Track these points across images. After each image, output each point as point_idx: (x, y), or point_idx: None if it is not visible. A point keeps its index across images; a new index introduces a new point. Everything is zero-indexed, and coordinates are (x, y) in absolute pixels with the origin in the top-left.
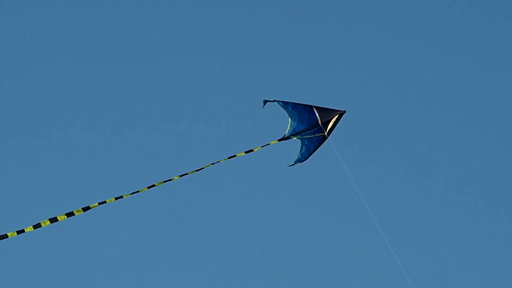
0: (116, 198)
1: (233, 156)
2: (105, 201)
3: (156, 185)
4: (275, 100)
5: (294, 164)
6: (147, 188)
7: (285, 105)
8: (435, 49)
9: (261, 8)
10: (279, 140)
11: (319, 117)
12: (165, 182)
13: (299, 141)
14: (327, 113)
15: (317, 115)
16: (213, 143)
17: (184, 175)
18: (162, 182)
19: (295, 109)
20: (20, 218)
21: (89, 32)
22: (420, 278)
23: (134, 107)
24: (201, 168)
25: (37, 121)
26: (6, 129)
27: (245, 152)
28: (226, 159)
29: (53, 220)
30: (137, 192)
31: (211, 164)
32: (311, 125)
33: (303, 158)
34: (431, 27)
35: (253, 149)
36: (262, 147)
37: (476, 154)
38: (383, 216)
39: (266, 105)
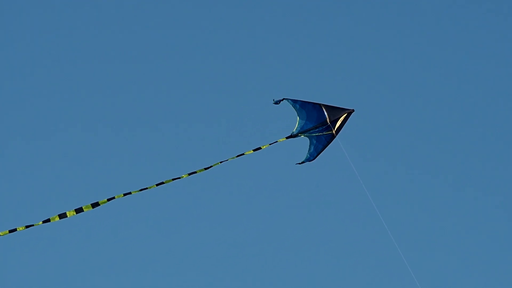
0: (125, 194)
1: (242, 154)
2: (113, 197)
3: (165, 182)
4: (284, 99)
5: (302, 162)
6: (155, 185)
7: (294, 103)
8: (444, 48)
9: (261, 8)
10: (287, 138)
11: (327, 116)
12: (174, 180)
13: (307, 139)
14: (335, 111)
15: (325, 113)
16: (219, 142)
17: (193, 173)
18: (171, 180)
19: (303, 107)
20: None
21: (89, 32)
22: (426, 277)
23: (135, 107)
24: (209, 166)
25: (37, 121)
26: (7, 129)
27: (253, 150)
28: (234, 157)
29: (62, 216)
30: (145, 189)
31: (219, 162)
32: (320, 123)
33: (311, 157)
34: (440, 26)
35: (261, 147)
36: (270, 144)
37: (484, 152)
38: (390, 215)
39: (272, 103)
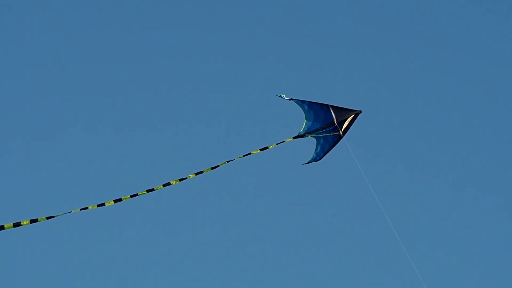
0: (132, 195)
1: (249, 154)
2: (120, 198)
3: (171, 183)
4: (292, 99)
5: (309, 162)
6: (162, 186)
7: (301, 103)
8: (444, 48)
9: (261, 8)
10: (294, 138)
11: (335, 116)
12: (181, 180)
13: (314, 140)
14: (343, 112)
15: (333, 114)
16: (226, 143)
17: (199, 173)
18: (177, 181)
19: (311, 107)
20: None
21: (89, 32)
22: (431, 276)
23: (136, 107)
24: (216, 166)
25: (37, 121)
26: (7, 129)
27: (260, 150)
28: (241, 156)
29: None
30: (152, 190)
31: (226, 162)
32: (327, 124)
33: (318, 157)
34: (440, 26)
35: (268, 147)
36: (277, 144)
37: (491, 152)
38: (396, 215)
39: (280, 103)
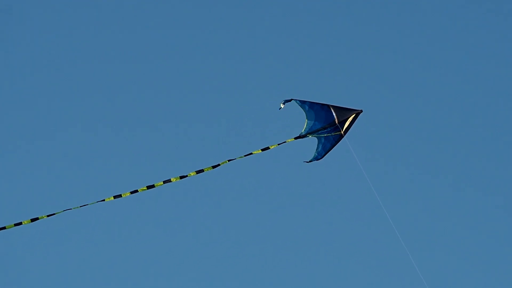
0: (132, 192)
1: (250, 154)
2: (120, 194)
3: (172, 180)
4: (292, 99)
5: (311, 161)
6: (162, 183)
7: (302, 104)
8: (445, 48)
9: (261, 8)
10: (296, 138)
11: (336, 116)
12: (181, 178)
13: (316, 139)
14: (344, 112)
15: (334, 114)
16: (227, 143)
17: (200, 171)
18: (178, 178)
19: (312, 108)
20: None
21: (89, 32)
22: (433, 276)
23: (135, 107)
24: (217, 165)
25: (37, 121)
26: (6, 129)
27: (261, 150)
28: (242, 156)
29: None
30: (152, 187)
31: (227, 161)
32: (328, 124)
33: (319, 156)
34: (440, 26)
35: (269, 147)
36: (278, 144)
37: (491, 152)
38: (397, 214)
39: (282, 104)
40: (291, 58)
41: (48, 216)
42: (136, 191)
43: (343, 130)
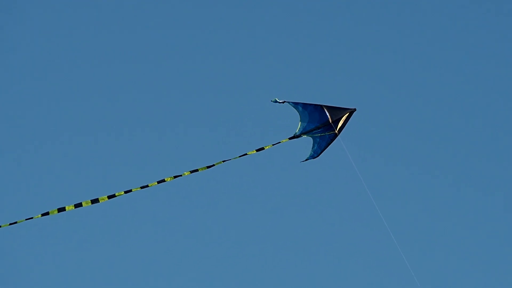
0: (126, 191)
1: (245, 155)
2: (114, 194)
3: (166, 180)
4: (285, 101)
5: (307, 159)
6: (157, 183)
7: (295, 105)
8: (444, 48)
9: (261, 8)
10: (290, 138)
11: (329, 116)
12: (175, 177)
13: (311, 138)
14: (337, 111)
15: (327, 114)
16: (221, 143)
17: (194, 171)
18: (172, 178)
19: (305, 108)
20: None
21: (89, 32)
22: (426, 276)
23: (135, 107)
24: (212, 165)
25: (37, 121)
26: (6, 129)
27: (256, 150)
28: (237, 157)
29: (61, 210)
30: (146, 187)
31: (222, 161)
32: (322, 124)
33: (315, 154)
34: (440, 26)
35: (264, 147)
36: (273, 145)
37: (486, 150)
38: (391, 214)
39: (275, 104)
40: (285, 58)
41: (42, 215)
42: (130, 190)
43: (337, 129)
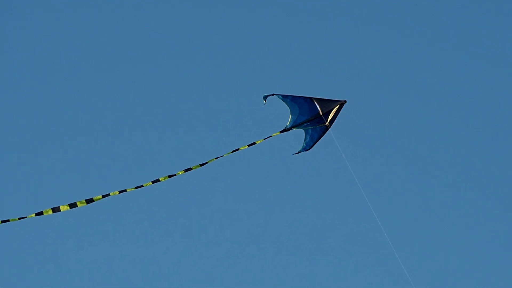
0: (120, 191)
1: (237, 150)
2: (108, 194)
3: (160, 179)
4: (274, 94)
5: (299, 152)
6: (151, 183)
7: (284, 98)
8: (437, 43)
9: (261, 8)
10: (281, 132)
11: (319, 108)
12: (170, 177)
13: (302, 131)
14: (327, 103)
15: (317, 106)
16: (213, 139)
17: (188, 169)
18: (166, 177)
19: (295, 101)
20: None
21: (89, 32)
22: (421, 276)
23: (135, 107)
24: (205, 163)
25: (37, 121)
26: (6, 130)
27: (248, 145)
28: (229, 153)
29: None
30: (141, 187)
31: (215, 159)
32: (312, 116)
33: (308, 147)
34: (434, 21)
35: (255, 142)
36: (264, 139)
37: (480, 149)
38: (383, 209)
39: (264, 98)
40: (283, 57)
41: (36, 214)
42: (124, 190)
43: (328, 121)
